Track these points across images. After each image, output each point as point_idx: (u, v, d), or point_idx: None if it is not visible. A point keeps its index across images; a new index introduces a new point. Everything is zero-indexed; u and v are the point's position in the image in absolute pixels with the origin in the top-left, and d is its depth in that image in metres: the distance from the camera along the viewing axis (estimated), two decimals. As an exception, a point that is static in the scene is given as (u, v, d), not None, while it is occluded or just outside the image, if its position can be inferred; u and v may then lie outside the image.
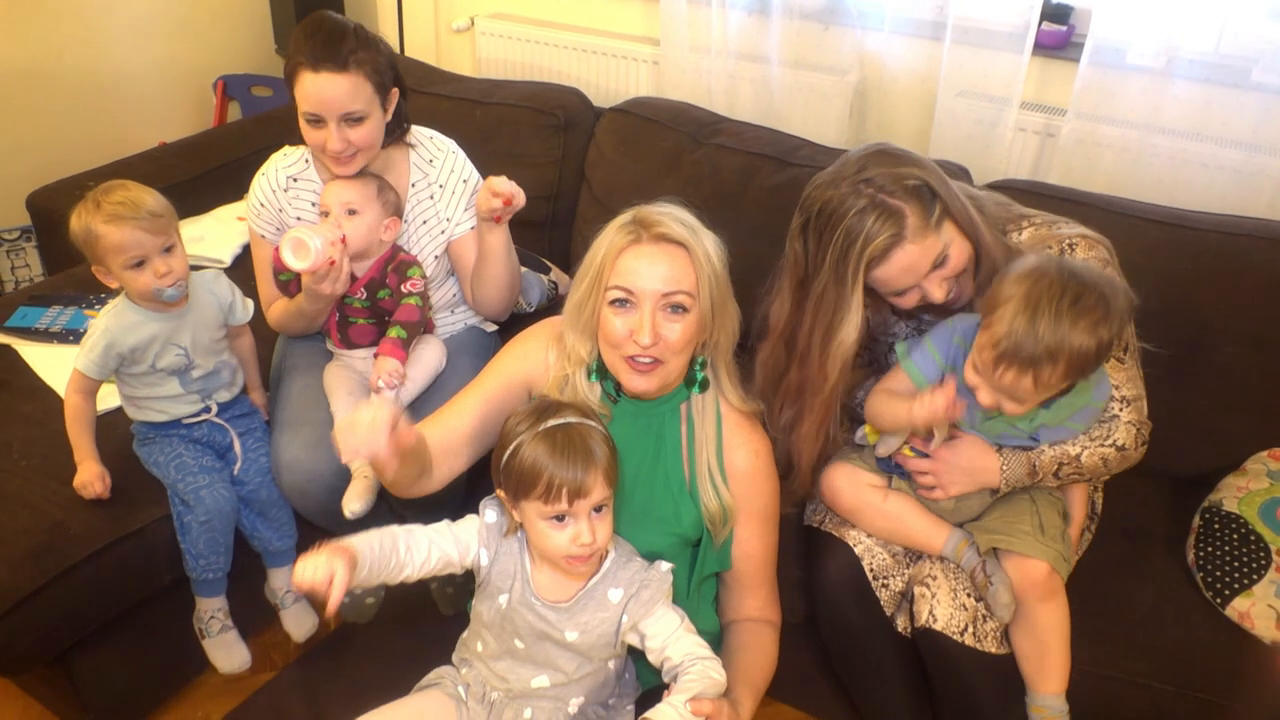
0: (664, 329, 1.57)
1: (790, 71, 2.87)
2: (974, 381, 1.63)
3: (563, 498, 1.43)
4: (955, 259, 1.70)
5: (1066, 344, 1.51)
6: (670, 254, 1.57)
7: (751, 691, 1.64)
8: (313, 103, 1.96)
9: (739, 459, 1.72)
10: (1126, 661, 1.80)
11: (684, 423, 1.73)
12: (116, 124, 3.36)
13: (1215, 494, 2.03)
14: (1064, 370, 1.54)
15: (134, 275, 1.88)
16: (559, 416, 1.48)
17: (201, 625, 2.11)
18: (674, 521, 1.70)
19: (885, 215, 1.62)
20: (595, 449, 1.45)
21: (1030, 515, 1.79)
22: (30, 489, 1.98)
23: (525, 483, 1.45)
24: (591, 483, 1.43)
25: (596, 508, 1.46)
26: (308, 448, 2.06)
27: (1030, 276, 1.56)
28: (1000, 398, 1.61)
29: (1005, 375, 1.56)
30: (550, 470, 1.42)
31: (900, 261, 1.66)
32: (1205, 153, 2.45)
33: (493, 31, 3.31)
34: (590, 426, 1.48)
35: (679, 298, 1.57)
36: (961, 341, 1.72)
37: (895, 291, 1.72)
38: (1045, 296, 1.52)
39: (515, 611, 1.56)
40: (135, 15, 3.37)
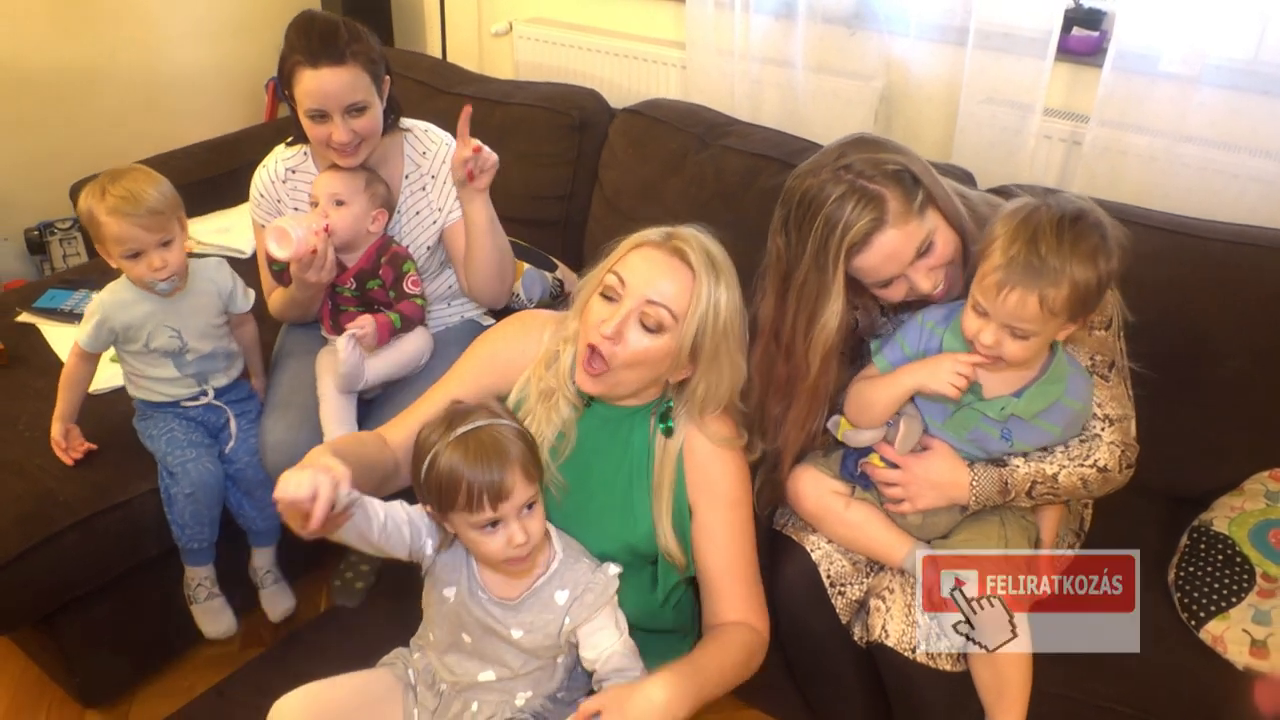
0: (631, 334, 1.53)
1: (815, 76, 2.85)
2: (973, 327, 1.56)
3: (485, 504, 1.41)
4: (941, 248, 1.64)
5: (1069, 266, 1.46)
6: (676, 270, 1.54)
7: (680, 665, 1.50)
8: (316, 98, 2.00)
9: (697, 445, 1.66)
10: (1088, 683, 1.74)
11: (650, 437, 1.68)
12: (170, 122, 3.50)
13: (1207, 513, 1.95)
14: (1067, 295, 1.47)
15: (130, 265, 1.96)
16: (469, 422, 1.45)
17: (190, 592, 2.19)
18: (628, 532, 1.67)
19: (865, 200, 1.58)
20: (509, 448, 1.43)
21: (998, 539, 1.73)
22: (28, 459, 2.09)
23: (447, 495, 1.42)
24: (511, 483, 1.41)
25: (527, 505, 1.45)
26: (291, 429, 2.12)
27: (1025, 208, 1.53)
28: (1003, 336, 1.53)
29: (1009, 298, 1.49)
30: (468, 477, 1.40)
31: (882, 248, 1.60)
32: (1234, 162, 2.36)
33: (530, 35, 3.36)
34: (502, 426, 1.46)
35: (659, 312, 1.52)
36: (934, 326, 1.67)
37: (880, 282, 1.66)
38: (1044, 221, 1.49)
39: (463, 606, 1.56)
40: (190, 17, 3.53)
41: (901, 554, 1.75)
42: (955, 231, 1.67)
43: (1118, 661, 1.74)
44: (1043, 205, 1.53)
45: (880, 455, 1.75)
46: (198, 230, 2.85)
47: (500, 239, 2.18)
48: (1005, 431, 1.67)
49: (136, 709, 2.24)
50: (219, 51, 3.64)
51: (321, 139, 2.06)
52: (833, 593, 1.79)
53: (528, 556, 1.48)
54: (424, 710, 1.66)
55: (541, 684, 1.63)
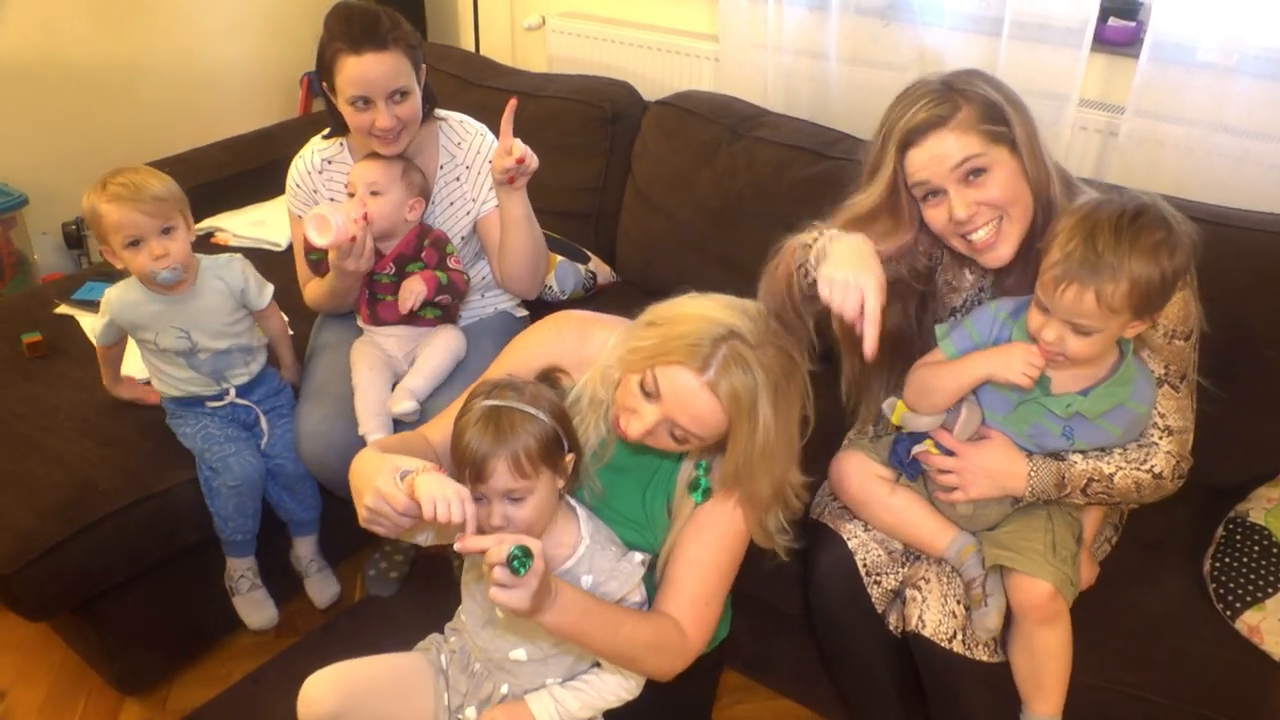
0: (660, 433, 1.47)
1: (848, 68, 2.83)
2: (1037, 323, 1.55)
3: (466, 475, 1.42)
4: (995, 188, 1.59)
5: (1128, 263, 1.44)
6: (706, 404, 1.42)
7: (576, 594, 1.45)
8: (360, 85, 2.02)
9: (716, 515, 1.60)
10: (1122, 672, 1.73)
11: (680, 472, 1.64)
12: (206, 116, 3.53)
13: (1244, 504, 1.93)
14: (1126, 291, 1.45)
15: (131, 255, 1.96)
16: (499, 398, 1.44)
17: (231, 583, 2.21)
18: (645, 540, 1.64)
19: (940, 100, 1.58)
20: (511, 437, 1.40)
21: (1044, 534, 1.71)
22: (68, 446, 2.11)
23: (454, 452, 1.45)
24: (492, 468, 1.39)
25: (509, 496, 1.42)
26: (326, 419, 2.14)
27: (1087, 205, 1.51)
28: (1065, 333, 1.51)
29: (1066, 294, 1.47)
30: (463, 444, 1.42)
31: (933, 147, 1.58)
32: (1271, 152, 2.33)
33: (563, 29, 3.36)
34: (521, 413, 1.42)
35: (687, 434, 1.45)
36: (1006, 317, 1.66)
37: (922, 187, 1.63)
38: (1104, 217, 1.47)
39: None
40: (227, 13, 3.55)
41: (944, 543, 1.74)
42: (1028, 190, 1.63)
43: (1152, 651, 1.75)
44: (1105, 201, 1.51)
45: (936, 442, 1.73)
46: (233, 224, 2.88)
47: (536, 232, 2.19)
48: (1067, 429, 1.65)
49: (174, 696, 2.25)
50: (254, 47, 3.67)
51: (364, 127, 2.07)
52: (868, 581, 1.78)
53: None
54: (455, 693, 1.66)
55: (571, 668, 1.63)
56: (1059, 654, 1.69)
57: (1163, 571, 1.89)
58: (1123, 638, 1.77)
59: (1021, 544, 1.70)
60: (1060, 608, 1.67)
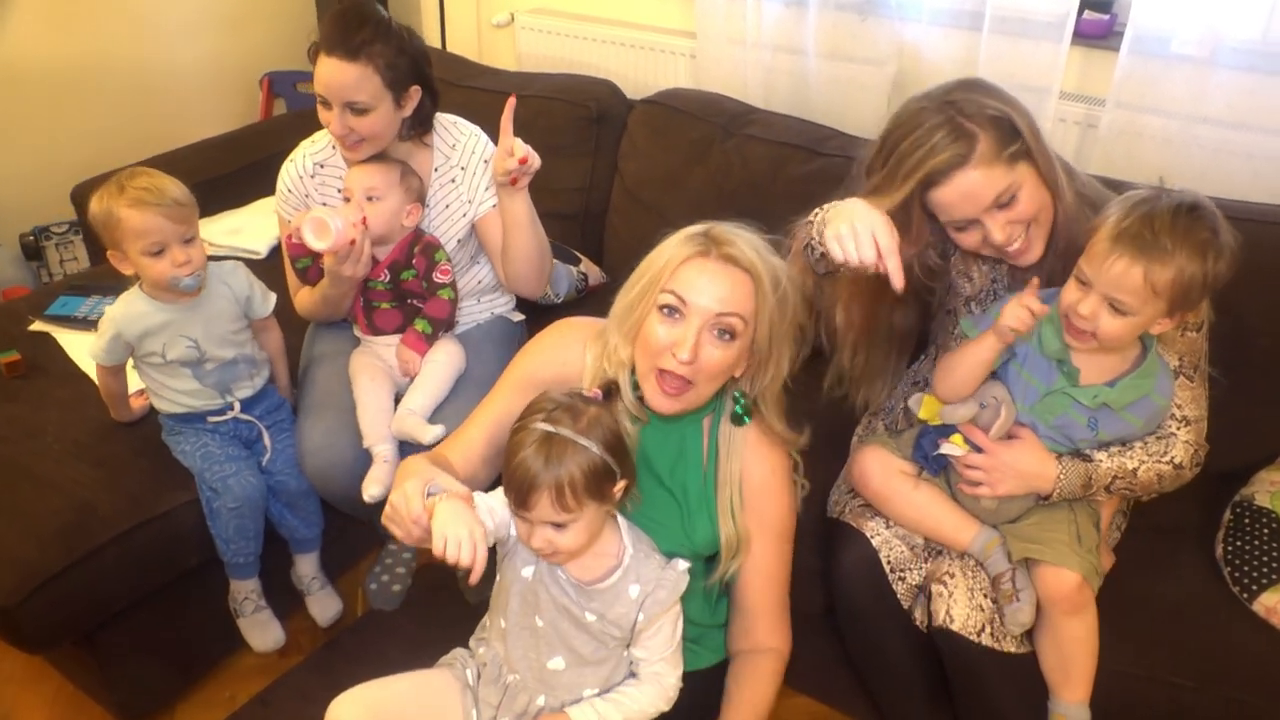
0: (705, 350, 1.51)
1: (827, 63, 2.84)
2: (1073, 297, 1.57)
3: (512, 497, 1.42)
4: (1025, 204, 1.63)
5: (1179, 251, 1.47)
6: (734, 277, 1.51)
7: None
8: (321, 85, 1.99)
9: (757, 474, 1.67)
10: (1146, 657, 1.76)
11: (705, 439, 1.68)
12: (164, 120, 3.43)
13: (1248, 488, 1.98)
14: (1172, 279, 1.48)
15: (152, 262, 1.89)
16: (555, 422, 1.42)
17: (236, 606, 2.16)
18: (686, 538, 1.66)
19: (956, 134, 1.59)
20: (556, 470, 1.38)
21: (1068, 525, 1.74)
22: (61, 471, 2.03)
23: (504, 463, 1.44)
24: (535, 499, 1.39)
25: (553, 524, 1.42)
26: (330, 433, 2.09)
27: (1146, 194, 1.55)
28: (1101, 310, 1.53)
29: (1115, 265, 1.49)
30: (514, 463, 1.40)
31: (960, 185, 1.61)
32: (1250, 142, 2.38)
33: (532, 26, 3.33)
34: (572, 444, 1.41)
35: (731, 321, 1.51)
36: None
37: (955, 222, 1.67)
38: (1163, 205, 1.51)
39: (540, 584, 1.54)
40: (183, 13, 3.45)
41: (968, 537, 1.76)
42: (1048, 193, 1.66)
43: (1175, 636, 1.78)
44: (1164, 194, 1.54)
45: (965, 437, 1.74)
46: (208, 232, 2.78)
47: (539, 233, 2.16)
48: (1093, 420, 1.67)
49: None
50: (212, 47, 3.57)
51: (325, 124, 2.06)
52: (893, 578, 1.79)
53: (554, 556, 1.48)
54: (486, 706, 1.64)
55: (608, 680, 1.61)
56: (1086, 643, 1.72)
57: (1175, 557, 1.93)
58: (1144, 624, 1.80)
59: (1046, 535, 1.72)
60: (1087, 597, 1.70)
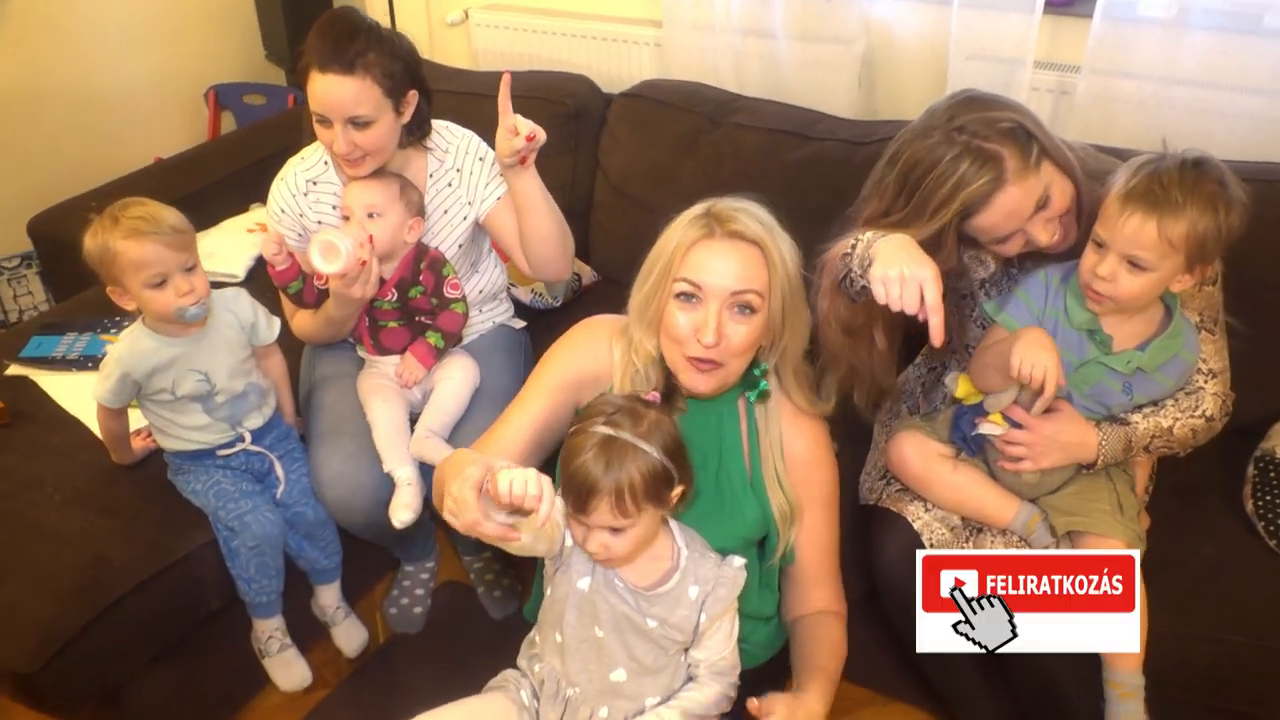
0: (729, 329, 1.52)
1: (797, 45, 2.82)
2: (1090, 262, 1.59)
3: (570, 501, 1.41)
4: (1058, 199, 1.66)
5: (1189, 204, 1.51)
6: (743, 252, 1.53)
7: (822, 676, 1.63)
8: (319, 104, 1.91)
9: (798, 447, 1.69)
10: (1194, 616, 1.78)
11: (743, 420, 1.69)
12: (109, 141, 3.29)
13: (1267, 442, 2.02)
14: (1185, 232, 1.51)
15: (154, 294, 1.81)
16: (617, 426, 1.41)
17: (260, 645, 2.08)
18: (738, 522, 1.66)
19: (982, 160, 1.59)
20: (616, 474, 1.38)
21: (1109, 494, 1.76)
22: (68, 523, 1.94)
23: (562, 465, 1.44)
24: (595, 504, 1.39)
25: (611, 529, 1.42)
26: (348, 460, 2.02)
27: (1152, 156, 1.58)
28: (1120, 270, 1.56)
29: (1129, 222, 1.52)
30: (573, 466, 1.40)
31: (1002, 206, 1.62)
32: (1223, 101, 2.42)
33: (488, 23, 3.25)
34: (633, 448, 1.40)
35: (749, 297, 1.52)
36: (1058, 284, 1.69)
37: (997, 238, 1.68)
38: (1169, 163, 1.55)
39: (599, 595, 1.52)
40: (121, 30, 3.31)
41: (1010, 514, 1.76)
42: (1069, 180, 1.68)
43: (1219, 593, 1.82)
44: (1169, 154, 1.57)
45: (1005, 415, 1.74)
46: (178, 258, 2.69)
47: (555, 209, 2.09)
48: (1127, 385, 1.69)
49: (207, 771, 2.12)
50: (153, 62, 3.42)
51: (325, 144, 1.99)
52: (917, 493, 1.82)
53: (609, 561, 1.48)
54: None
55: (669, 685, 1.59)
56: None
57: (1204, 515, 1.97)
58: (1185, 584, 1.81)
59: (1088, 506, 1.74)
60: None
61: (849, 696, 2.21)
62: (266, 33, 3.53)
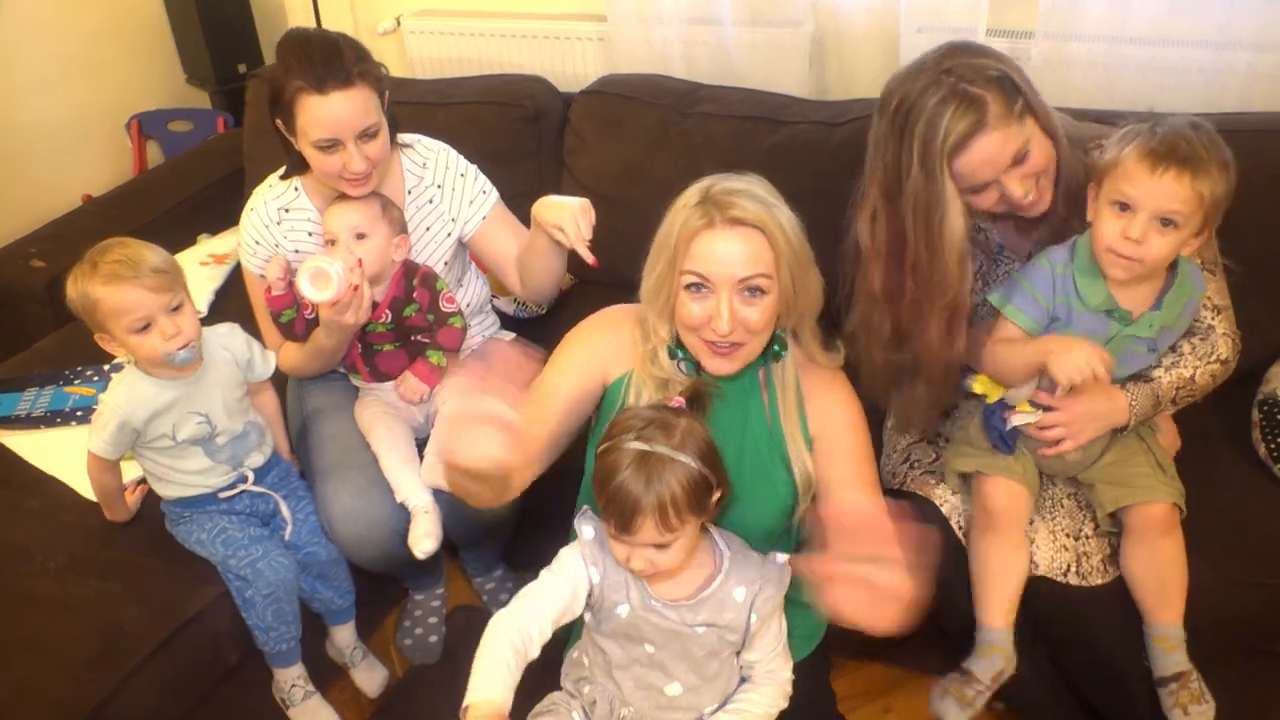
0: (743, 312, 1.51)
1: (745, 29, 2.80)
2: (1115, 228, 1.58)
3: (612, 525, 1.39)
4: (1036, 156, 1.65)
5: (1211, 164, 1.52)
6: (746, 237, 1.50)
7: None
8: (326, 127, 1.81)
9: (827, 408, 1.67)
10: (1223, 564, 1.80)
11: (764, 389, 1.67)
12: (32, 181, 3.11)
13: (1267, 385, 2.06)
14: (1210, 187, 1.52)
15: (140, 340, 1.72)
16: (648, 441, 1.39)
17: (283, 695, 1.99)
18: (773, 494, 1.65)
19: (967, 103, 1.58)
20: (657, 488, 1.36)
21: (1145, 454, 1.78)
22: (68, 591, 1.83)
23: (598, 488, 1.40)
24: (638, 524, 1.36)
25: (655, 545, 1.40)
26: (359, 494, 1.94)
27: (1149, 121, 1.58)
28: (1151, 230, 1.56)
29: (1165, 175, 1.52)
30: (609, 492, 1.37)
31: (981, 151, 1.61)
32: (1174, 56, 2.47)
33: (422, 29, 3.15)
34: (670, 461, 1.38)
35: (757, 280, 1.50)
36: (1063, 268, 1.68)
37: (973, 187, 1.67)
38: (1178, 125, 1.56)
39: (640, 618, 1.49)
40: (33, 63, 3.12)
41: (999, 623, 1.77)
42: (1051, 141, 1.69)
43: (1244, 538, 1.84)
44: (1164, 117, 1.59)
45: (1033, 401, 1.74)
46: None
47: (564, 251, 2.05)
48: (1152, 345, 1.70)
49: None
50: (71, 95, 3.23)
51: (333, 171, 1.87)
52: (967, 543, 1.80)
53: (652, 577, 1.46)
54: None
55: (724, 691, 1.57)
56: (1179, 560, 1.75)
57: (1215, 463, 1.98)
58: (1209, 532, 1.81)
59: (1130, 474, 1.75)
60: (1176, 517, 1.74)
61: (882, 675, 2.21)
62: (186, 55, 3.37)
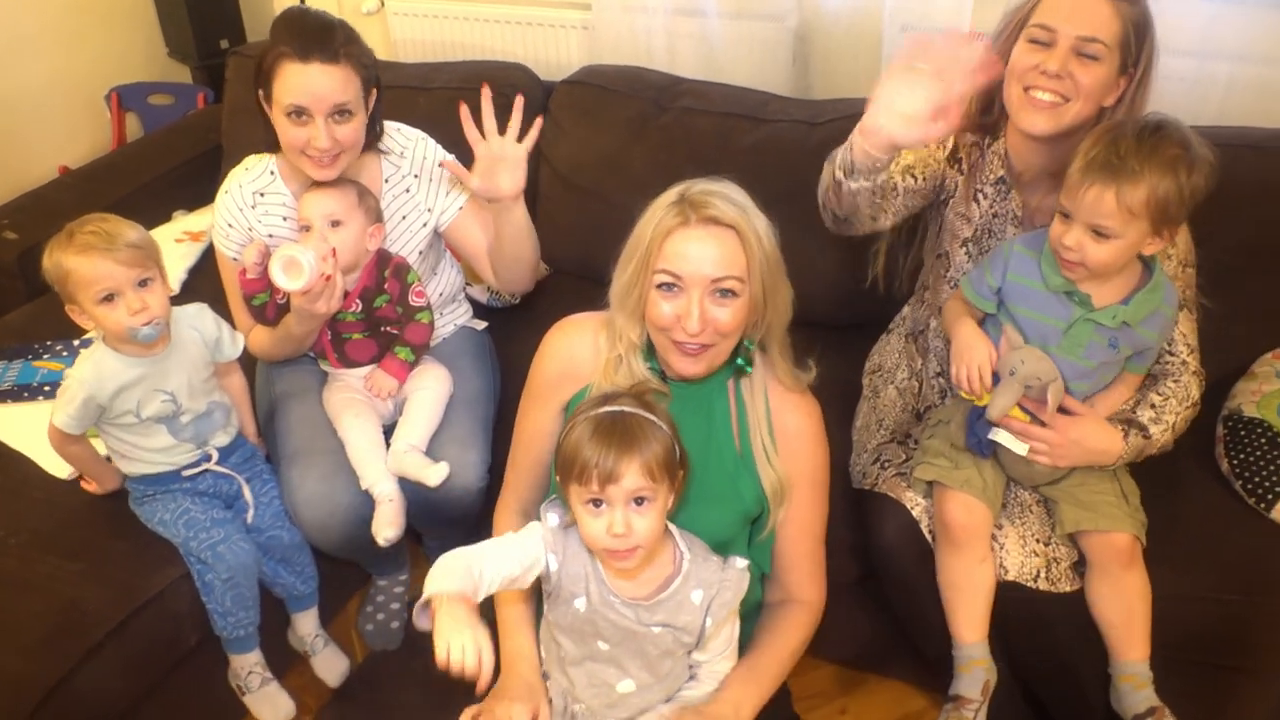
0: (712, 313, 1.51)
1: (729, 23, 2.78)
2: (1058, 231, 1.63)
3: (594, 480, 1.37)
4: (1093, 73, 1.70)
5: (1147, 169, 1.54)
6: (720, 237, 1.50)
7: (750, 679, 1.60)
8: (300, 94, 1.82)
9: (789, 422, 1.67)
10: (1188, 577, 1.81)
11: (732, 397, 1.67)
12: (7, 152, 3.09)
13: (1231, 401, 2.07)
14: (1145, 198, 1.54)
15: (106, 311, 1.72)
16: (616, 404, 1.42)
17: (240, 682, 1.99)
18: (735, 499, 1.64)
19: None
20: (641, 439, 1.38)
21: (1111, 482, 1.79)
22: (32, 569, 1.83)
23: (566, 463, 1.40)
24: (624, 469, 1.36)
25: (636, 500, 1.39)
26: (324, 479, 1.94)
27: (1112, 122, 1.67)
28: (1085, 240, 1.59)
29: (1088, 194, 1.56)
30: (586, 452, 1.37)
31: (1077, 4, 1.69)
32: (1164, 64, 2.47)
33: (406, 11, 3.12)
34: (644, 418, 1.41)
35: (729, 282, 1.50)
36: (1030, 251, 1.72)
37: (1039, 33, 1.71)
38: (1127, 128, 1.59)
39: (596, 613, 1.49)
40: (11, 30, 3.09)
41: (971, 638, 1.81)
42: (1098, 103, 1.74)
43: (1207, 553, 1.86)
44: (1129, 120, 1.63)
45: (1022, 407, 1.74)
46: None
47: (534, 231, 2.06)
48: (1113, 339, 1.71)
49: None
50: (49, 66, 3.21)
51: (297, 143, 1.87)
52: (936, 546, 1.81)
53: (628, 553, 1.42)
54: None
55: (673, 689, 1.58)
56: (1144, 596, 1.75)
57: (1178, 477, 1.98)
58: (1173, 546, 1.83)
59: (1095, 499, 1.76)
60: (1139, 550, 1.74)
61: (842, 678, 2.23)
62: (169, 28, 3.35)
